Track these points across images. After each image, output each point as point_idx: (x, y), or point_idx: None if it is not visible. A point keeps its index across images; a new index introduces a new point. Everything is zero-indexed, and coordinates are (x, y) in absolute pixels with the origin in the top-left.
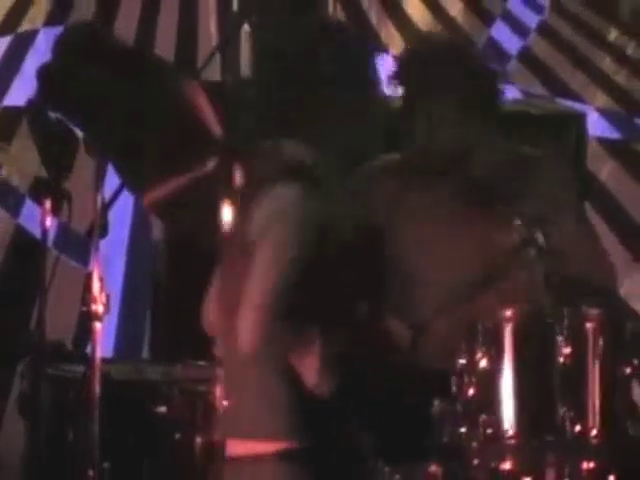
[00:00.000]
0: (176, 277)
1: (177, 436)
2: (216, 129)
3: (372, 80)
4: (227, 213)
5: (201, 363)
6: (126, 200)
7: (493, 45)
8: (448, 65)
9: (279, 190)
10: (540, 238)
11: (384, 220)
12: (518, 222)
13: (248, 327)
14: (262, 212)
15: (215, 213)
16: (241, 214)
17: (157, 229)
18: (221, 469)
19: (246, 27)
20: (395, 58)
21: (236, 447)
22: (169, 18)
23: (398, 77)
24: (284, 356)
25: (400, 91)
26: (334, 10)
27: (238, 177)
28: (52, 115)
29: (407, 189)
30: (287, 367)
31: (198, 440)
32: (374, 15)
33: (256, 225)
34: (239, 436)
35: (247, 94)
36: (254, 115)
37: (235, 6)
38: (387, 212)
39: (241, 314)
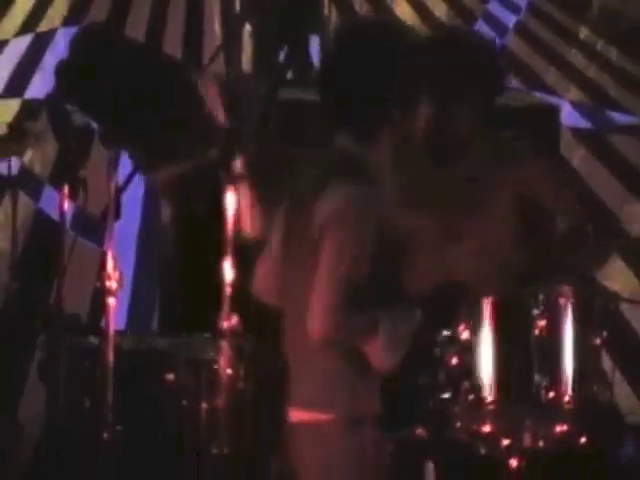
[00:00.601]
0: (183, 257)
1: (184, 402)
2: (222, 119)
3: None
4: (230, 198)
5: (205, 335)
6: (137, 186)
7: (482, 36)
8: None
9: (340, 189)
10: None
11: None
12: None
13: (318, 318)
14: (329, 207)
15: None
16: (307, 199)
17: (166, 213)
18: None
19: (247, 27)
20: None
21: (300, 415)
22: (176, 19)
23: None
24: (350, 341)
25: None
26: (329, 12)
27: (240, 164)
28: (69, 108)
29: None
30: (353, 350)
31: (203, 405)
32: (368, 13)
33: (323, 217)
34: (302, 406)
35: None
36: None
37: (237, 8)
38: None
39: (311, 305)
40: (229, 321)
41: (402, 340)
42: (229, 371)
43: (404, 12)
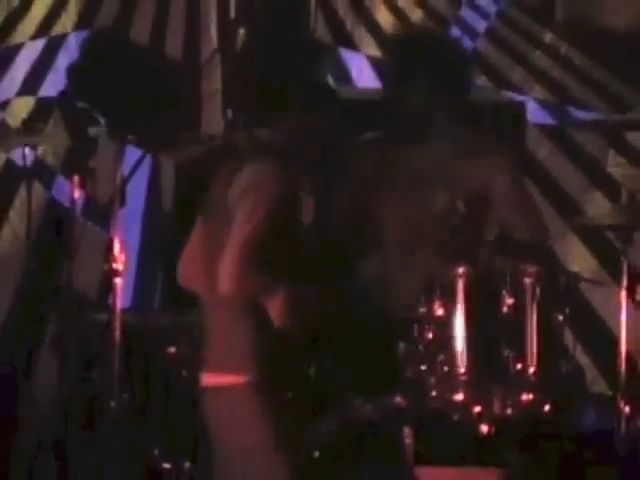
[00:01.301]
0: (182, 241)
1: (184, 372)
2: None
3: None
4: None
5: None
6: (141, 176)
7: (454, 38)
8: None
9: (255, 165)
10: (461, 206)
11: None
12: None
13: (226, 272)
14: (241, 182)
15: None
16: (224, 183)
17: (167, 201)
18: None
19: (241, 31)
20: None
21: (211, 379)
22: (177, 24)
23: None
24: (255, 300)
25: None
26: (315, 18)
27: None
28: (79, 105)
29: (385, 157)
30: (257, 310)
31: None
32: (349, 22)
33: (236, 193)
34: (214, 370)
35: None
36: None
37: (232, 14)
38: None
39: (221, 261)
40: None
41: (302, 304)
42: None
43: (384, 17)
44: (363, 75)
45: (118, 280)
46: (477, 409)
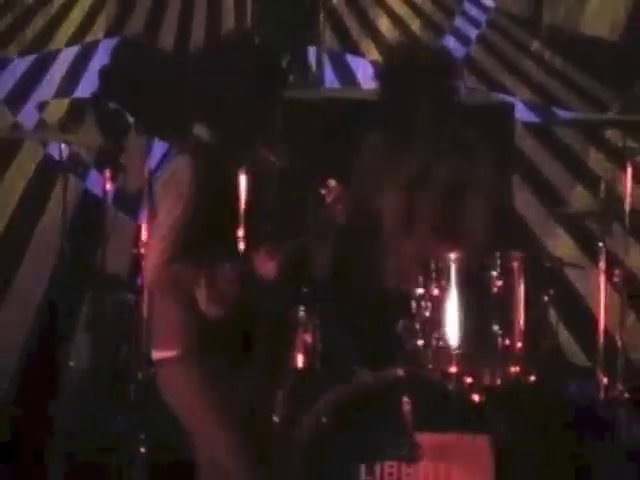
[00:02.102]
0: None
1: None
2: None
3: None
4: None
5: None
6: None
7: (443, 48)
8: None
9: (176, 160)
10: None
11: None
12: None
13: (149, 264)
14: (164, 176)
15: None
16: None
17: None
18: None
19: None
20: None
21: (156, 354)
22: (199, 32)
23: (384, 76)
24: (182, 287)
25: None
26: (324, 27)
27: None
28: (110, 105)
29: (385, 155)
30: (185, 295)
31: None
32: (355, 31)
33: (159, 186)
34: (154, 347)
35: None
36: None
37: (249, 20)
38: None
39: (146, 256)
40: None
41: (223, 293)
42: None
43: (386, 25)
44: (367, 78)
45: None
46: (469, 380)
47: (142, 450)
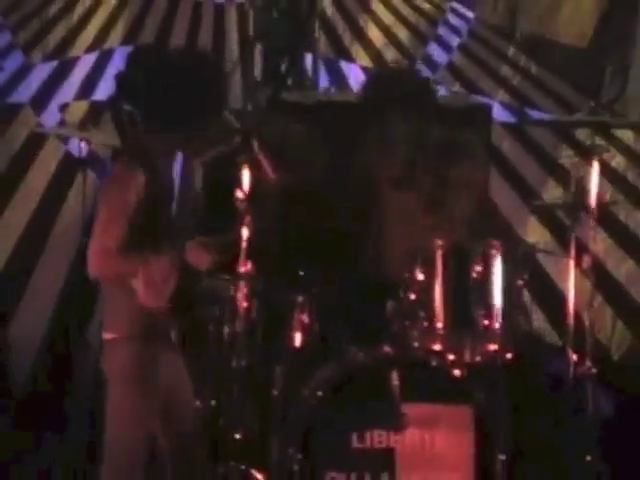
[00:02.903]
0: (210, 214)
1: (210, 327)
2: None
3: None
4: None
5: (227, 277)
6: (176, 165)
7: (428, 58)
8: (410, 84)
9: (117, 162)
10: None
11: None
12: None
13: (90, 258)
14: (106, 177)
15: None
16: None
17: (197, 182)
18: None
19: (258, 46)
20: (370, 76)
21: (104, 335)
22: (206, 40)
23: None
24: (122, 278)
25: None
26: (319, 36)
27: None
28: (125, 107)
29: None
30: (127, 285)
31: (225, 329)
32: (347, 38)
33: (102, 185)
34: (105, 328)
35: None
36: None
37: (251, 31)
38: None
39: (88, 250)
40: (245, 267)
41: (159, 284)
42: (245, 304)
43: (375, 34)
44: (358, 82)
45: None
46: (451, 357)
47: None
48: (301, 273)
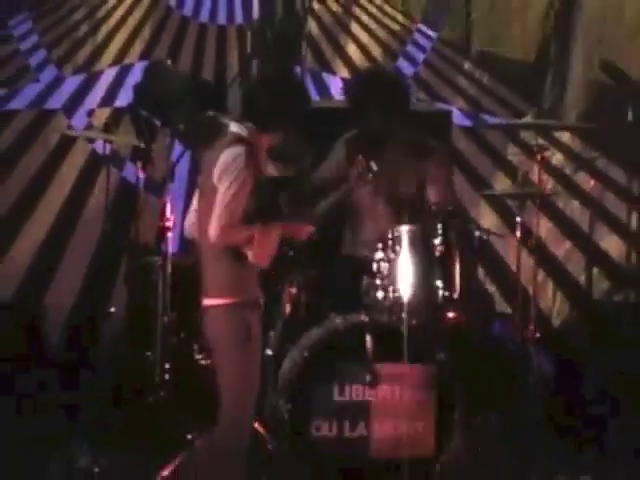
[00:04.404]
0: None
1: None
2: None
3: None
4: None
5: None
6: (184, 162)
7: (398, 71)
8: (389, 88)
9: (229, 151)
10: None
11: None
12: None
13: (213, 227)
14: (220, 164)
15: None
16: (210, 166)
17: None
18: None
19: (255, 61)
20: (351, 81)
21: (206, 301)
22: (210, 56)
23: (352, 92)
24: (233, 245)
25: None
26: (306, 52)
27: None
28: (142, 112)
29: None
30: (234, 251)
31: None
32: (329, 52)
33: (217, 172)
34: (207, 294)
35: None
36: None
37: (249, 48)
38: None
39: (212, 221)
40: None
41: (268, 249)
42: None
43: (353, 50)
44: (338, 91)
45: (169, 233)
46: (416, 323)
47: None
48: (291, 253)
